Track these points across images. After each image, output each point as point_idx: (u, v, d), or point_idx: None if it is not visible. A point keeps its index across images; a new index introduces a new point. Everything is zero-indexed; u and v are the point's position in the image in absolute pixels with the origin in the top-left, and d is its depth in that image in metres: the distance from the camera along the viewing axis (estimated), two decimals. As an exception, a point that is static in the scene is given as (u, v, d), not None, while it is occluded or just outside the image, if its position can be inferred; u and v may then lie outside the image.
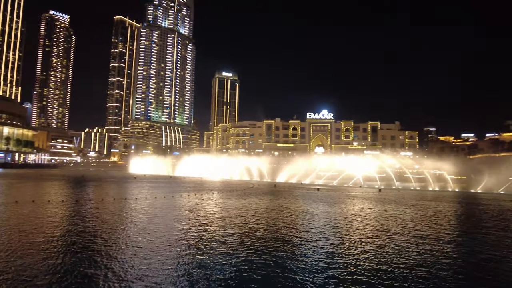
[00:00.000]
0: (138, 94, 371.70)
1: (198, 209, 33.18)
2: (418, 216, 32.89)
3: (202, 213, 30.83)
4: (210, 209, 34.04)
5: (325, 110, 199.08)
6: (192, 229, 22.71)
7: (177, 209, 33.37)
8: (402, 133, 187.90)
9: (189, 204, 37.60)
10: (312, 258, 16.04)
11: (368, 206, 40.54)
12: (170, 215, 28.90)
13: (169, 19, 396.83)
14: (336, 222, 27.47)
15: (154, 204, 36.54)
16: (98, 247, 16.76)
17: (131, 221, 25.05)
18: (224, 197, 46.87)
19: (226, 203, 39.61)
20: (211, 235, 20.76)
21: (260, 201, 43.09)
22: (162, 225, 23.58)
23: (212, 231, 22.23)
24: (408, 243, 20.10)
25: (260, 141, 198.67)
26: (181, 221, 25.81)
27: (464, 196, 66.28)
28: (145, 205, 34.88)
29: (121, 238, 19.11)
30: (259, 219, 27.99)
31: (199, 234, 21.27)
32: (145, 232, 20.91)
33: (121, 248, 16.97)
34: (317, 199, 47.97)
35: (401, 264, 15.52)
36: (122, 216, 27.58)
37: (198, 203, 38.21)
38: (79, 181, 78.06)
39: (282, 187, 75.44)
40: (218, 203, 39.60)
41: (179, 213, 30.69)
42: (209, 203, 38.66)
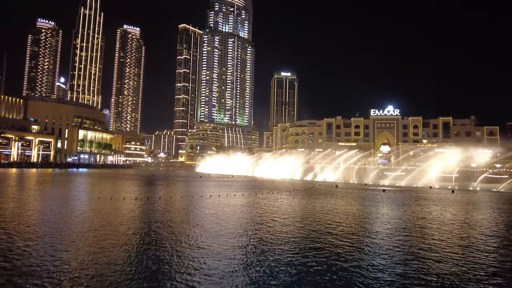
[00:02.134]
0: (202, 97, 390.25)
1: (254, 208, 33.98)
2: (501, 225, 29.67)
3: (259, 211, 31.50)
4: (267, 208, 34.61)
5: (390, 106, 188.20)
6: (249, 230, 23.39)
7: (236, 206, 34.53)
8: (479, 129, 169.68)
9: (246, 203, 38.64)
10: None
11: (435, 210, 37.64)
12: (231, 214, 30.08)
13: (229, 23, 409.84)
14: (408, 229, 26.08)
15: (219, 202, 38.28)
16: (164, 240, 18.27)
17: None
18: (283, 197, 47.18)
19: (284, 203, 39.87)
20: (271, 237, 21.22)
21: (323, 202, 42.55)
22: (225, 221, 24.72)
23: (271, 232, 22.68)
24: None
25: (320, 140, 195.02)
26: (241, 220, 26.72)
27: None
28: (210, 203, 36.78)
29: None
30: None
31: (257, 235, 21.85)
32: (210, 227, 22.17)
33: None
34: (391, 202, 45.82)
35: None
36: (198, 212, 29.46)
37: (256, 202, 39.07)
38: (151, 179, 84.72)
39: (344, 188, 73.33)
40: (273, 203, 40.03)
41: (236, 210, 31.75)
42: (265, 203, 39.30)
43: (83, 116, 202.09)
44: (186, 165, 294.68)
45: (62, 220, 23.74)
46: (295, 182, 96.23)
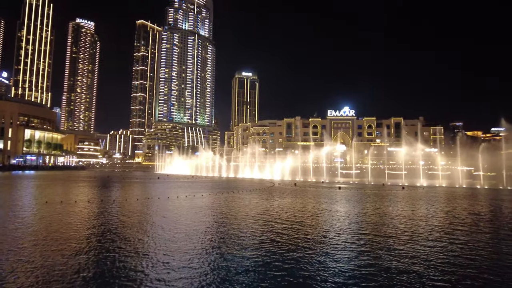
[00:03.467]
0: (161, 96, 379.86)
1: (216, 209, 33.72)
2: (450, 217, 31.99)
3: (217, 213, 31.30)
4: (225, 209, 34.48)
5: (346, 107, 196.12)
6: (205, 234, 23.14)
7: (197, 208, 34.05)
8: (426, 129, 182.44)
9: (208, 204, 38.23)
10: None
11: (391, 205, 39.79)
12: (191, 215, 29.55)
13: (189, 21, 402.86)
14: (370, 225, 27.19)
15: (178, 204, 37.42)
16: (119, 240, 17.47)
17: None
18: (243, 197, 47.29)
19: (244, 202, 39.96)
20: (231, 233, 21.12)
21: (283, 200, 43.19)
22: (182, 224, 24.19)
23: (229, 229, 22.58)
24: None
25: (280, 140, 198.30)
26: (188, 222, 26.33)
27: (486, 194, 63.52)
28: (169, 205, 35.81)
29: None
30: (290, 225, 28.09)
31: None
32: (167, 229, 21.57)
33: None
34: (342, 198, 47.50)
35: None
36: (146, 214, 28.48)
37: (216, 202, 38.78)
38: (105, 181, 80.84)
39: (302, 186, 75.04)
40: (233, 203, 40.01)
41: (193, 213, 31.30)
42: (229, 203, 39.15)
43: (30, 115, 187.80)
44: (143, 166, 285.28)
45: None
46: (254, 181, 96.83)
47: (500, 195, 58.96)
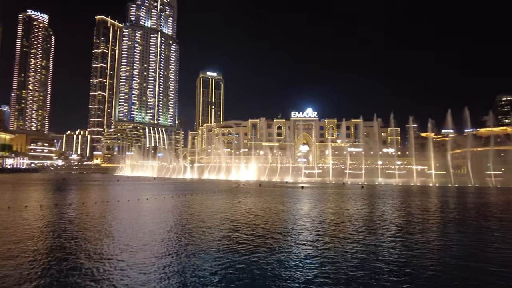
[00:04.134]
0: (121, 95, 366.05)
1: (181, 211, 33.12)
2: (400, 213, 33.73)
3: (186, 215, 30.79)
4: (188, 211, 34.01)
5: (309, 108, 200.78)
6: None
7: (160, 211, 33.22)
8: (384, 130, 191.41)
9: (171, 206, 37.43)
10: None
11: (349, 203, 41.26)
12: (147, 219, 28.74)
13: (152, 19, 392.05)
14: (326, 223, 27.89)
15: (139, 206, 36.26)
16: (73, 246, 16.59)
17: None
18: (206, 198, 46.85)
19: (206, 204, 39.62)
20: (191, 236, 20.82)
21: (247, 200, 43.28)
22: (142, 228, 23.48)
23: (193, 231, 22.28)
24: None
25: (245, 141, 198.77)
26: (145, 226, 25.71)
27: (437, 191, 68.02)
28: (130, 207, 34.59)
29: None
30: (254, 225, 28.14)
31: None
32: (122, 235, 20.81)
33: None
34: (303, 197, 48.45)
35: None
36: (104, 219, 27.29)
37: (178, 205, 38.10)
38: (60, 184, 76.43)
39: (267, 186, 75.78)
40: (195, 205, 39.55)
41: (153, 216, 30.55)
42: (192, 204, 38.61)
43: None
44: (102, 167, 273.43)
45: None
46: (219, 182, 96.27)
47: (447, 192, 63.34)
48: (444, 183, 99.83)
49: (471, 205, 40.32)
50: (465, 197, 53.38)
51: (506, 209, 37.45)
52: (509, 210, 36.55)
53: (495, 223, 27.02)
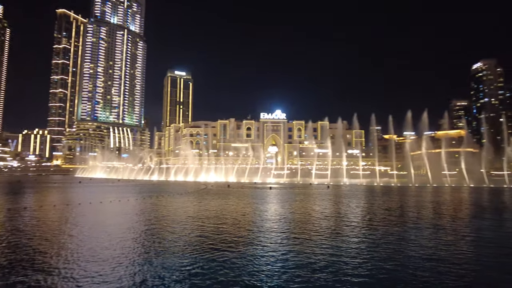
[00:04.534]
0: (84, 93, 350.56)
1: (150, 213, 32.29)
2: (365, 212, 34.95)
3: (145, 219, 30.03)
4: (153, 213, 33.27)
5: (278, 110, 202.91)
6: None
7: (121, 214, 32.17)
8: (349, 132, 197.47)
9: (138, 208, 36.39)
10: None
11: (319, 204, 42.17)
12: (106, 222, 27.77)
13: (118, 15, 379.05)
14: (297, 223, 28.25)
15: (101, 209, 34.91)
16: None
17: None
18: (174, 200, 46.05)
19: (173, 206, 38.94)
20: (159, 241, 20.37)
21: (215, 202, 42.95)
22: (104, 232, 22.63)
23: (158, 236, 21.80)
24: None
25: (214, 142, 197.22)
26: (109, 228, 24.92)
27: (398, 190, 71.28)
28: (90, 211, 33.16)
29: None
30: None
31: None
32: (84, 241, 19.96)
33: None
34: (272, 198, 48.82)
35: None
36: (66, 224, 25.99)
37: (144, 207, 37.15)
38: (15, 187, 71.81)
39: (236, 187, 75.70)
40: (162, 208, 38.81)
41: (119, 219, 29.59)
42: (158, 207, 37.78)
43: None
44: (63, 169, 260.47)
45: None
46: (187, 184, 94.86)
47: (408, 192, 66.54)
48: (405, 183, 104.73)
49: (428, 204, 42.59)
50: (423, 196, 56.29)
51: (457, 207, 39.92)
52: (458, 209, 38.98)
53: (448, 220, 28.72)
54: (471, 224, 27.20)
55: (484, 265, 15.23)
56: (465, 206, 40.78)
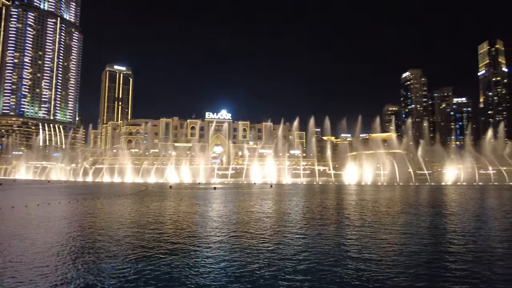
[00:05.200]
0: (7, 84, 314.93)
1: (77, 218, 30.00)
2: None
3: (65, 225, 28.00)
4: (87, 218, 31.19)
5: (224, 110, 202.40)
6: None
7: (49, 220, 29.53)
8: (292, 133, 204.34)
9: (65, 213, 33.67)
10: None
11: (256, 203, 42.85)
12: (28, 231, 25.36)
13: (49, 1, 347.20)
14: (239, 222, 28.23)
15: (26, 214, 31.63)
16: None
17: None
18: (110, 202, 43.54)
19: (108, 210, 36.84)
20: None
21: (155, 204, 41.40)
22: (28, 241, 20.55)
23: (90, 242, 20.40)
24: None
25: (156, 141, 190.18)
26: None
27: (335, 189, 75.59)
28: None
29: None
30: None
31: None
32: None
33: None
34: (215, 199, 48.43)
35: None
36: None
37: (76, 211, 34.56)
38: None
39: (178, 188, 73.89)
40: (101, 210, 36.57)
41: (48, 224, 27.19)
42: (93, 210, 35.39)
43: None
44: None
45: None
46: (126, 185, 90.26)
47: (345, 190, 70.75)
48: (342, 182, 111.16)
49: (363, 202, 45.68)
50: (359, 194, 60.24)
51: (387, 205, 43.42)
52: (387, 206, 42.42)
53: (379, 217, 31.09)
54: (398, 219, 29.71)
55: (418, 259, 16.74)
56: (394, 203, 44.45)
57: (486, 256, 16.89)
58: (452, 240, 20.79)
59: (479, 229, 24.37)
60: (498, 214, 33.19)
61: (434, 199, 49.50)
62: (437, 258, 16.38)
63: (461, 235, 22.19)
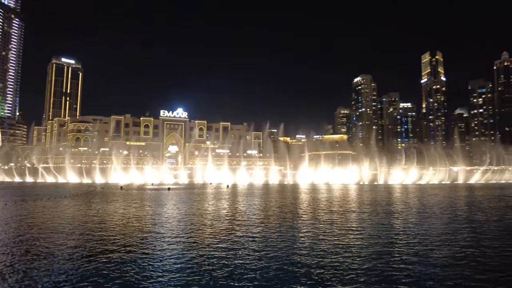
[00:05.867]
0: None
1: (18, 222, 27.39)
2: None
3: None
4: (27, 221, 28.68)
5: (180, 108, 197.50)
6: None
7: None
8: (249, 134, 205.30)
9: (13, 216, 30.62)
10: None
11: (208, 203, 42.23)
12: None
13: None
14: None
15: None
16: None
17: None
18: (54, 205, 40.47)
19: (49, 213, 34.21)
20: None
21: (103, 206, 39.11)
22: None
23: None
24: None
25: (106, 139, 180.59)
26: (-16, 239, 20.56)
27: (291, 188, 77.22)
28: None
29: None
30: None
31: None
32: None
33: None
34: (170, 200, 46.90)
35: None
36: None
37: (21, 214, 31.61)
38: None
39: (130, 189, 70.79)
40: (43, 213, 33.84)
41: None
42: (34, 213, 32.55)
43: None
44: None
45: None
46: (73, 185, 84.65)
47: (300, 189, 72.42)
48: (297, 182, 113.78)
49: (315, 200, 47.00)
50: (313, 193, 61.92)
51: (338, 204, 45.07)
52: (337, 204, 44.07)
53: (334, 216, 32.11)
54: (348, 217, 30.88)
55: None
56: (345, 202, 46.24)
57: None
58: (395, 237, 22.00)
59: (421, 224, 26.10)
60: (437, 210, 35.91)
61: (383, 198, 52.30)
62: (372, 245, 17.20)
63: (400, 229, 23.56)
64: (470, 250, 18.06)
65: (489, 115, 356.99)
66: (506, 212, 34.85)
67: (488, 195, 57.55)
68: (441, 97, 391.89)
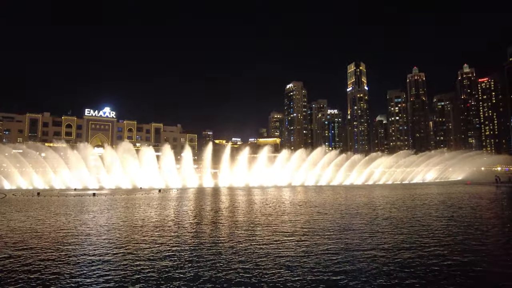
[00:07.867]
0: None
1: None
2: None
3: None
4: None
5: (107, 107, 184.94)
6: None
7: None
8: (183, 136, 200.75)
9: None
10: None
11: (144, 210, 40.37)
12: None
13: None
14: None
15: None
16: None
17: None
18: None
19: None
20: None
21: (14, 215, 34.72)
22: None
23: None
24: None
25: (20, 139, 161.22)
26: None
27: (225, 192, 77.48)
28: None
29: None
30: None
31: None
32: None
33: None
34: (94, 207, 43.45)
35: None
36: None
37: None
38: None
39: (48, 195, 64.07)
40: None
41: None
42: None
43: None
44: None
45: None
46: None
47: (232, 192, 72.84)
48: (231, 184, 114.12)
49: (246, 203, 47.66)
50: (248, 195, 62.67)
51: (272, 205, 46.32)
52: (272, 207, 45.36)
53: (268, 218, 32.86)
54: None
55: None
56: (280, 203, 47.68)
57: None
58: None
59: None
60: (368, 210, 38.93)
61: (309, 198, 55.07)
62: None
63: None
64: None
65: (404, 122, 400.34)
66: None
67: (402, 194, 63.98)
68: (364, 105, 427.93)
